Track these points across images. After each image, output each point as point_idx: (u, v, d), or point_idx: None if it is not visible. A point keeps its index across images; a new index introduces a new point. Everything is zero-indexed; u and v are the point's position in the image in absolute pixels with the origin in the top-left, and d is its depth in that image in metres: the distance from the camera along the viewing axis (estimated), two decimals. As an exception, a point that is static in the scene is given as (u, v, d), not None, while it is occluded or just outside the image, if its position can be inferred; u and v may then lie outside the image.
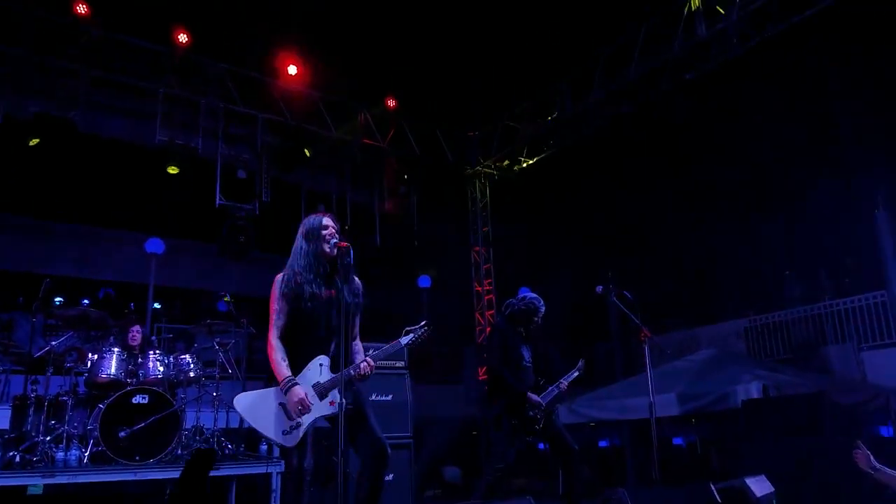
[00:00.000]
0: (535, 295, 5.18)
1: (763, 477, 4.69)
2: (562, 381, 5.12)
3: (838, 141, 9.44)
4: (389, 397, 6.39)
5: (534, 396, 4.91)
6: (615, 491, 3.84)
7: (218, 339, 6.38)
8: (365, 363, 3.40)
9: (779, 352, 10.81)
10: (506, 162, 11.11)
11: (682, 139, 10.31)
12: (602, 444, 11.93)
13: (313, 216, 3.63)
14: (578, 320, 11.12)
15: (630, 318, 4.91)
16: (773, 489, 4.64)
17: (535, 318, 5.14)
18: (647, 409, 4.81)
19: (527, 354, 5.11)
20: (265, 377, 3.51)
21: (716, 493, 4.06)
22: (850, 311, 10.06)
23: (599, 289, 5.01)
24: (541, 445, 8.29)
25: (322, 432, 3.49)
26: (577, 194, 11.06)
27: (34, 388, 5.63)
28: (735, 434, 7.04)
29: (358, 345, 3.64)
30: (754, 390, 6.96)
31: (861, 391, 7.79)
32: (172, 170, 8.65)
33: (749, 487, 4.40)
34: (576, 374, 5.25)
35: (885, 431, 7.55)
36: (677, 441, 10.55)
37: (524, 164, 11.00)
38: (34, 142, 8.02)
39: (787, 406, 6.38)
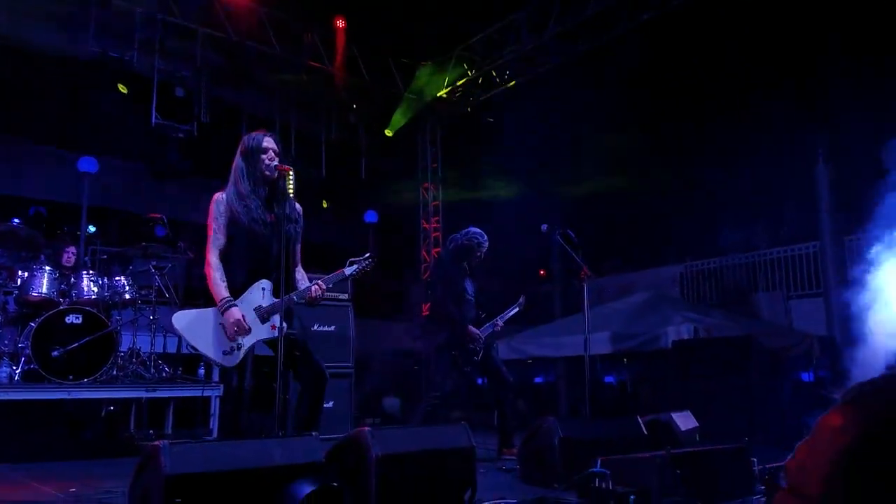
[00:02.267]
0: (478, 230, 5.23)
1: (688, 412, 4.96)
2: (497, 319, 5.24)
3: (782, 95, 9.64)
4: (332, 328, 6.42)
5: (474, 330, 5.02)
6: (546, 420, 4.00)
7: (154, 263, 6.20)
8: (316, 286, 3.39)
9: (711, 297, 11.30)
10: (458, 95, 10.92)
11: (631, 81, 10.32)
12: (537, 380, 12.39)
13: (254, 134, 3.51)
14: (521, 259, 11.30)
15: (572, 256, 5.01)
16: (696, 424, 4.91)
17: (478, 253, 5.21)
18: (581, 346, 4.98)
19: (470, 288, 5.20)
20: (202, 303, 3.44)
21: (643, 426, 4.28)
22: (783, 260, 10.55)
23: (544, 227, 5.09)
24: (479, 380, 8.55)
25: (262, 359, 3.48)
26: (528, 133, 11.02)
27: (-38, 304, 5.43)
28: (664, 373, 7.40)
29: (301, 272, 3.62)
30: (685, 332, 7.28)
31: (787, 337, 8.24)
32: (122, 89, 8.17)
33: (674, 421, 4.65)
34: (515, 310, 5.39)
35: (806, 377, 8.06)
36: (609, 379, 11.03)
37: (477, 99, 10.85)
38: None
39: (716, 347, 6.71)
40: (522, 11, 9.27)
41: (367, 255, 3.61)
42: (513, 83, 10.27)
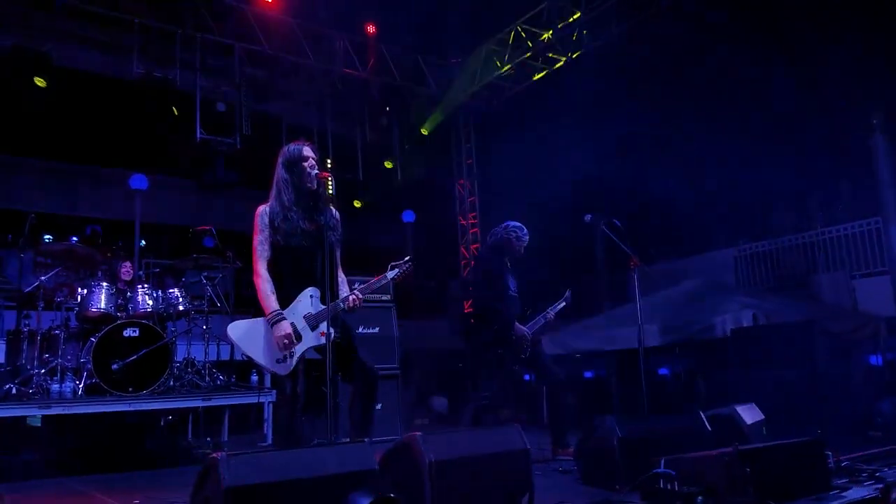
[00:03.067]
0: (518, 223, 5.12)
1: (753, 405, 4.75)
2: (549, 310, 5.14)
3: (833, 63, 9.19)
4: (376, 330, 6.46)
5: (520, 326, 4.92)
6: (603, 419, 3.90)
7: (205, 274, 6.36)
8: (353, 296, 3.43)
9: (768, 281, 10.88)
10: (490, 90, 10.82)
11: (670, 63, 10.02)
12: (587, 375, 12.16)
13: (293, 145, 3.56)
14: (564, 252, 11.12)
15: (620, 245, 4.86)
16: (762, 416, 4.71)
17: (519, 247, 5.10)
18: (632, 339, 4.84)
19: (512, 284, 5.09)
20: (252, 311, 3.51)
21: (705, 421, 4.12)
22: (842, 238, 10.07)
23: (588, 217, 4.95)
24: (527, 376, 8.45)
25: (311, 364, 3.51)
26: (564, 123, 10.82)
27: (27, 322, 5.70)
28: (721, 364, 7.15)
29: (341, 276, 3.65)
30: (743, 318, 7.01)
31: (852, 319, 7.85)
32: (175, 111, 8.44)
33: (739, 415, 4.45)
34: (562, 304, 5.28)
35: (875, 360, 7.67)
36: (663, 371, 10.75)
37: (509, 92, 10.73)
38: (41, 82, 7.79)
39: (777, 334, 6.42)
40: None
41: (407, 258, 3.64)
42: (543, 73, 10.11)
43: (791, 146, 10.15)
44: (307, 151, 3.50)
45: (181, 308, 6.03)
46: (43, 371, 5.32)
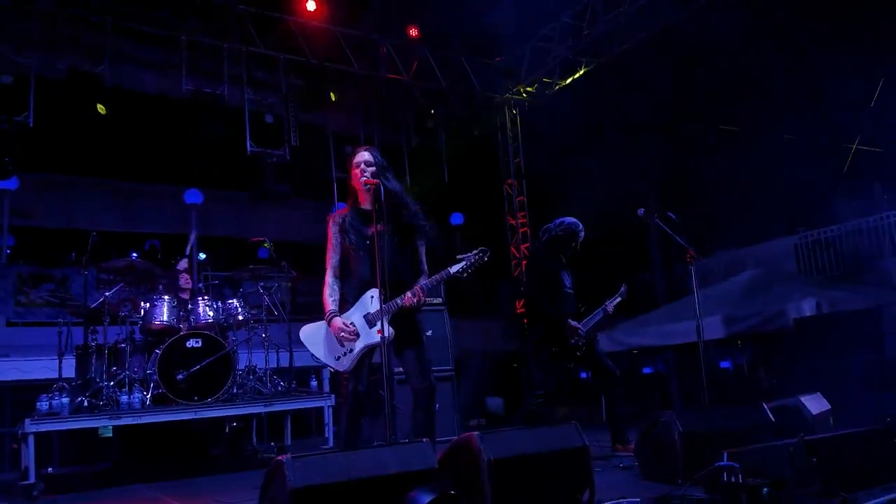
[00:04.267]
0: (573, 219, 5.06)
1: (819, 395, 4.59)
2: (604, 306, 5.08)
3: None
4: (429, 332, 6.45)
5: (574, 323, 4.87)
6: (663, 413, 3.82)
7: (262, 284, 6.52)
8: (409, 294, 3.43)
9: (832, 268, 10.46)
10: (535, 86, 10.76)
11: (723, 53, 9.75)
12: (646, 370, 11.93)
13: (350, 149, 3.66)
14: (618, 248, 10.95)
15: (675, 239, 4.76)
16: (829, 407, 4.55)
17: (574, 244, 5.04)
18: (690, 333, 4.75)
19: (567, 280, 5.04)
20: (311, 317, 3.67)
21: (769, 413, 3.99)
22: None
23: (641, 211, 4.85)
24: (583, 374, 8.35)
25: (372, 367, 3.57)
26: (612, 117, 10.66)
27: (94, 337, 5.87)
28: (786, 354, 6.92)
29: (424, 277, 3.62)
30: (806, 308, 6.77)
31: (921, 304, 7.48)
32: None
33: (804, 405, 4.31)
34: (618, 299, 5.20)
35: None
36: (724, 364, 10.47)
37: (554, 88, 10.64)
38: (102, 109, 8.15)
39: (843, 322, 6.19)
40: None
41: (479, 249, 3.58)
42: (586, 69, 9.98)
43: (849, 128, 9.76)
44: (358, 157, 3.62)
45: (240, 318, 6.18)
46: (112, 383, 5.51)
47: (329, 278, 3.57)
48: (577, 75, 10.24)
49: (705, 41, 9.41)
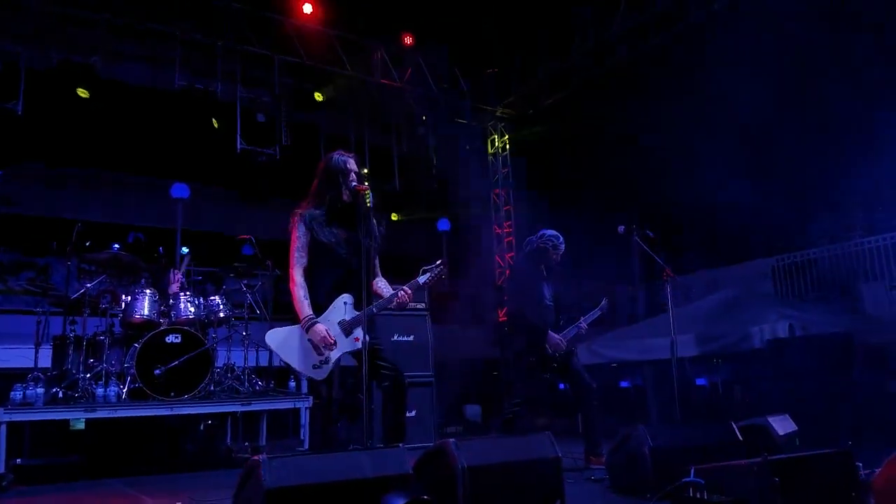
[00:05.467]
0: (554, 232, 5.14)
1: (786, 416, 4.70)
2: (581, 321, 5.15)
3: (872, 63, 8.98)
4: (411, 338, 6.54)
5: (554, 336, 4.95)
6: (635, 428, 3.89)
7: (245, 281, 6.52)
8: (402, 292, 3.49)
9: (806, 291, 10.67)
10: (525, 99, 10.88)
11: (708, 71, 9.92)
12: (623, 384, 12.04)
13: (338, 156, 3.63)
14: (600, 262, 11.07)
15: (653, 257, 4.87)
16: (795, 427, 4.65)
17: (555, 256, 5.12)
18: (666, 349, 4.83)
19: (548, 293, 5.12)
20: (291, 317, 3.61)
21: (737, 431, 4.09)
22: (883, 248, 9.85)
23: (621, 228, 4.96)
24: (561, 385, 8.42)
25: (347, 371, 3.60)
26: (599, 131, 10.80)
27: (72, 328, 5.83)
28: (758, 374, 7.04)
29: (383, 280, 3.69)
30: (780, 330, 6.91)
31: (892, 331, 7.66)
32: (215, 123, 8.72)
33: (771, 425, 4.42)
34: (598, 313, 5.28)
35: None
36: (700, 381, 10.59)
37: (545, 101, 10.77)
38: (83, 93, 8.11)
39: (815, 345, 6.32)
40: (587, 7, 9.16)
41: (439, 262, 3.68)
42: (575, 83, 10.11)
43: (830, 153, 9.94)
44: (350, 165, 3.58)
45: (222, 315, 6.17)
46: (88, 376, 5.47)
47: (298, 278, 3.46)
48: (567, 90, 10.37)
49: (692, 59, 9.58)
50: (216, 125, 8.76)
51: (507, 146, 11.55)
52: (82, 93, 8.12)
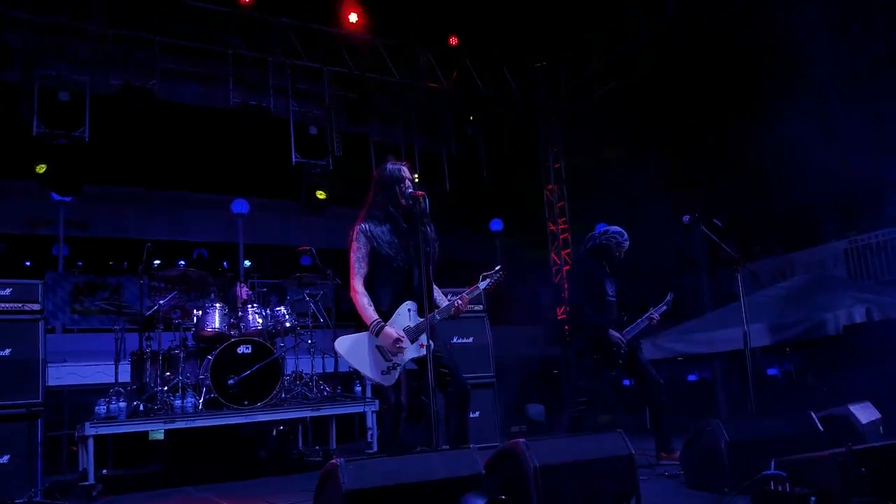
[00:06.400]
0: (618, 228, 5.07)
1: (868, 403, 4.50)
2: (648, 314, 5.04)
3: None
4: (470, 339, 6.56)
5: (615, 333, 4.88)
6: (709, 422, 3.79)
7: (308, 291, 6.67)
8: (459, 300, 3.55)
9: (883, 273, 10.15)
10: (576, 93, 10.75)
11: (769, 53, 9.57)
12: (690, 378, 11.74)
13: (390, 165, 3.68)
14: (663, 253, 10.81)
15: (721, 247, 4.71)
16: (879, 415, 4.45)
17: (618, 253, 5.05)
18: (737, 340, 4.69)
19: (610, 289, 5.05)
20: (354, 324, 3.67)
21: (817, 422, 3.93)
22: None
23: (686, 218, 4.81)
24: (625, 381, 8.28)
25: (410, 374, 3.65)
26: (654, 121, 10.54)
27: (148, 343, 6.07)
28: (834, 362, 6.76)
29: (435, 289, 3.74)
30: (857, 315, 6.60)
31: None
32: (321, 195, 9.04)
33: (853, 414, 4.23)
34: (664, 308, 5.17)
35: None
36: (772, 372, 10.23)
37: (595, 94, 10.61)
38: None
39: (894, 329, 6.02)
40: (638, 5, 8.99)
41: (498, 267, 3.72)
42: (629, 73, 9.92)
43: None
44: (405, 172, 3.63)
45: (288, 325, 6.33)
46: (165, 388, 5.69)
47: (360, 287, 3.51)
48: (616, 82, 10.19)
49: (755, 40, 9.26)
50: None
51: (560, 140, 11.42)
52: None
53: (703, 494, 3.60)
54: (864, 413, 4.34)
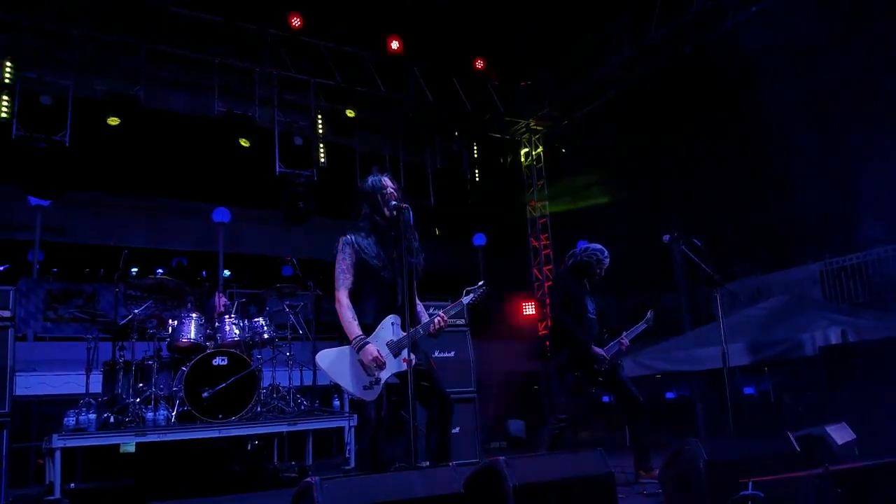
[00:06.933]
0: (598, 246, 5.07)
1: (844, 424, 4.54)
2: (623, 337, 5.03)
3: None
4: (452, 354, 6.52)
5: (598, 350, 4.87)
6: (688, 441, 3.78)
7: (288, 302, 6.58)
8: (438, 318, 3.51)
9: (857, 295, 10.32)
10: (559, 111, 10.86)
11: (745, 75, 9.76)
12: (669, 395, 11.80)
13: (372, 177, 3.67)
14: (642, 271, 10.90)
15: (700, 266, 4.74)
16: (854, 436, 4.49)
17: (599, 270, 5.05)
18: (717, 359, 4.71)
19: (591, 306, 5.04)
20: (335, 336, 3.63)
21: (794, 442, 3.95)
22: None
23: (666, 238, 4.84)
24: (605, 398, 8.29)
25: (390, 388, 3.60)
26: (635, 139, 10.69)
27: (121, 353, 5.94)
28: (811, 382, 6.84)
29: (419, 304, 3.71)
30: (832, 335, 6.70)
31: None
32: (244, 142, 8.90)
33: (829, 435, 4.26)
34: (643, 327, 5.17)
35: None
36: (748, 391, 10.33)
37: (579, 112, 10.72)
38: (114, 121, 8.37)
39: (870, 350, 6.11)
40: (621, 20, 9.12)
41: (481, 283, 3.72)
42: (610, 93, 10.05)
43: (879, 154, 9.64)
44: (386, 181, 3.61)
45: (266, 336, 6.23)
46: (138, 400, 5.56)
47: (345, 300, 3.47)
48: (596, 103, 10.32)
49: (733, 64, 9.43)
50: (245, 144, 8.92)
51: (542, 158, 11.51)
52: (112, 120, 8.37)
53: (682, 514, 3.59)
54: (840, 434, 4.37)
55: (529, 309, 11.39)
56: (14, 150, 7.75)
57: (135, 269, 6.50)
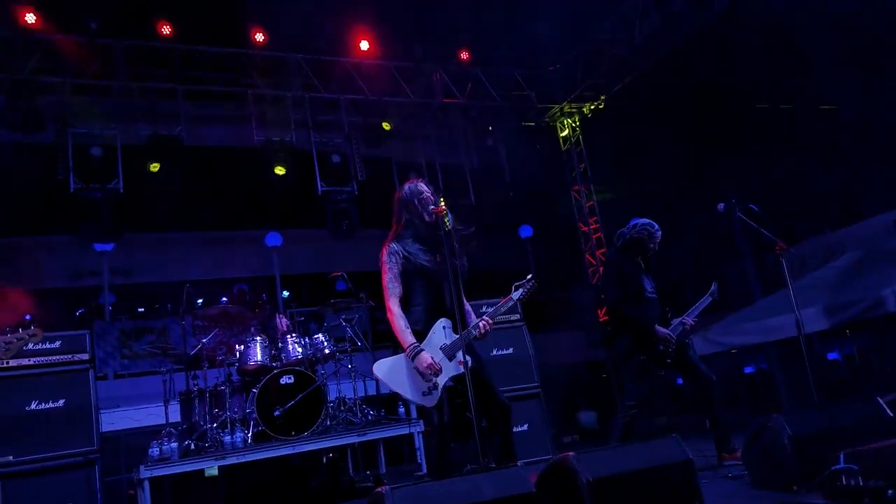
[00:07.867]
0: (647, 220, 4.83)
1: (938, 382, 4.23)
2: (686, 316, 4.80)
3: None
4: (510, 350, 6.41)
5: (662, 330, 4.65)
6: (769, 418, 3.59)
7: (344, 316, 6.67)
8: (483, 322, 3.50)
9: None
10: (592, 91, 10.59)
11: (799, 32, 9.27)
12: (747, 370, 11.32)
13: (408, 184, 3.69)
14: (702, 242, 10.48)
15: (761, 232, 4.51)
16: (952, 395, 4.18)
17: (651, 245, 4.82)
18: (791, 327, 4.47)
19: (649, 285, 4.82)
20: (391, 345, 3.62)
21: (885, 407, 3.69)
22: None
23: (721, 206, 4.62)
24: (679, 381, 8.01)
25: (452, 391, 3.57)
26: (677, 107, 10.28)
27: (195, 382, 6.14)
28: (898, 341, 6.43)
29: (466, 305, 3.68)
30: (917, 288, 6.26)
31: None
32: (279, 170, 9.10)
33: (923, 395, 3.99)
34: (708, 300, 4.92)
35: None
36: (832, 356, 9.83)
37: (613, 88, 10.44)
38: (154, 167, 8.72)
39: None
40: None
41: (529, 276, 3.68)
42: (645, 66, 9.73)
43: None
44: (421, 187, 3.62)
45: (327, 351, 6.34)
46: (215, 425, 5.74)
47: (396, 308, 3.49)
48: (634, 74, 10.01)
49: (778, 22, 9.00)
50: (281, 172, 9.12)
51: (581, 141, 11.27)
52: (154, 167, 8.71)
53: (771, 494, 3.42)
54: (936, 393, 4.08)
55: (586, 295, 11.18)
56: (74, 202, 8.15)
57: (200, 301, 6.70)
